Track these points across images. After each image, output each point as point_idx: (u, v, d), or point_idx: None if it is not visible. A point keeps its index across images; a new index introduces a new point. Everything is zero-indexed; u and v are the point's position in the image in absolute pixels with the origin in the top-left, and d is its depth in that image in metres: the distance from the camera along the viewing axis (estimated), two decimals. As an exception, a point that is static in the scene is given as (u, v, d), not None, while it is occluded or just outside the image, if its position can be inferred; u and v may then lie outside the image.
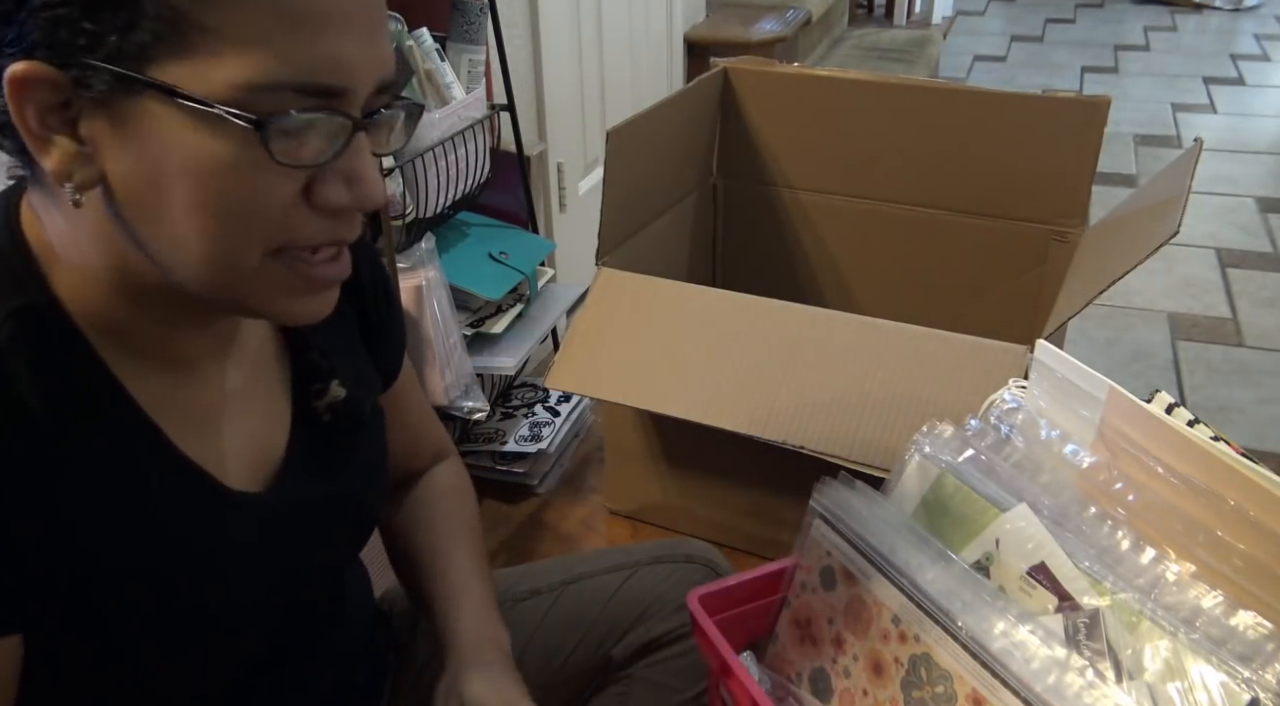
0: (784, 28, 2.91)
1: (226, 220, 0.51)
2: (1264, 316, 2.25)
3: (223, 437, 0.61)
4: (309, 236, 0.54)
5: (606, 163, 1.39)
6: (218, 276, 0.53)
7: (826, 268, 1.81)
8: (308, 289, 0.56)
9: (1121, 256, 1.13)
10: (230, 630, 0.61)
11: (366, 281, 0.74)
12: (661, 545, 0.95)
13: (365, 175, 0.54)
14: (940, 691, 0.70)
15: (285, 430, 0.66)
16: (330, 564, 0.73)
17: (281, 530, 0.64)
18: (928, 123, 1.60)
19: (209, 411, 0.61)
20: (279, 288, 0.55)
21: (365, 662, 0.80)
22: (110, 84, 0.48)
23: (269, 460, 0.65)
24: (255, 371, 0.65)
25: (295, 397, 0.68)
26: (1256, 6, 4.78)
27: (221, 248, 0.52)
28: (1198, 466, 0.70)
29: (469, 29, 1.47)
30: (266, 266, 0.53)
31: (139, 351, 0.57)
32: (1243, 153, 3.17)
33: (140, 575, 0.56)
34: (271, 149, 0.49)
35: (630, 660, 0.88)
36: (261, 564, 0.63)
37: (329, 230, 0.54)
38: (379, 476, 0.76)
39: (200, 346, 0.60)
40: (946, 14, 4.56)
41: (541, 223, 1.91)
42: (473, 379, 1.51)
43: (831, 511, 0.81)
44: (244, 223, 0.51)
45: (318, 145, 0.51)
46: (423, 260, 1.42)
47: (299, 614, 0.68)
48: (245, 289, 0.54)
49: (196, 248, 0.51)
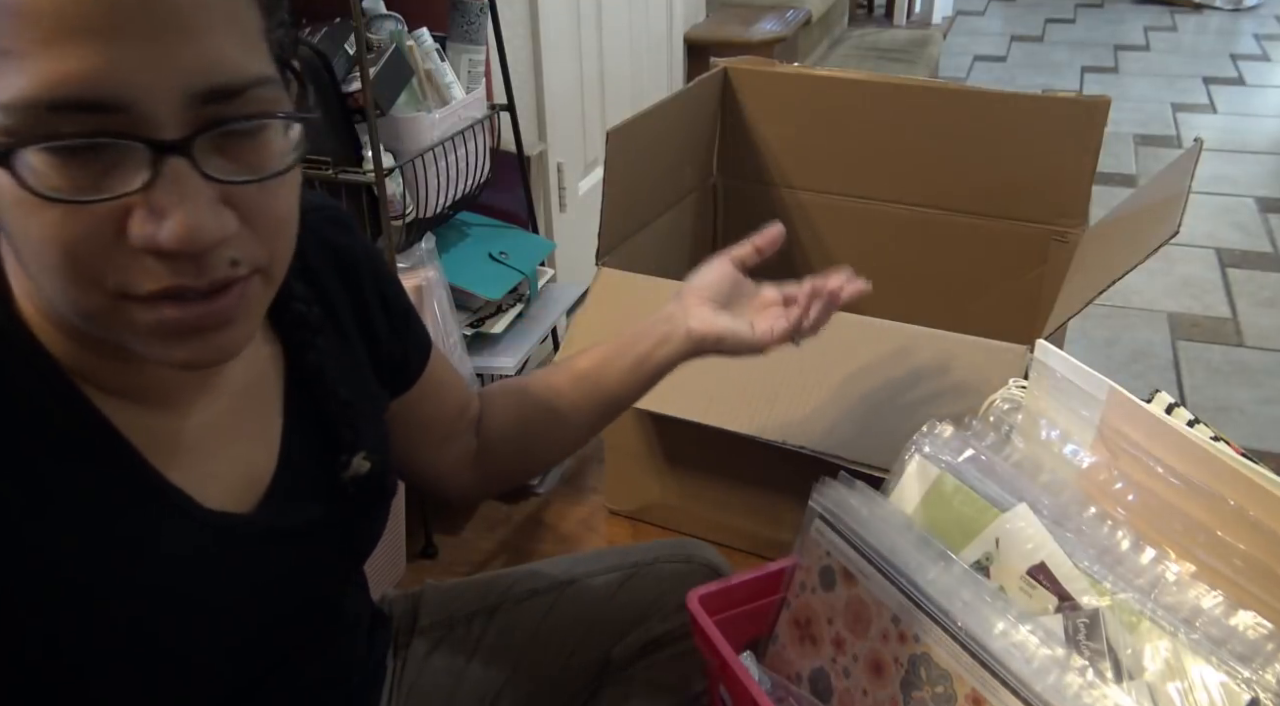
0: (784, 28, 2.91)
1: (48, 260, 0.45)
2: (1264, 316, 2.25)
3: (206, 464, 0.59)
4: (140, 281, 0.46)
5: (606, 163, 1.39)
6: (81, 318, 0.48)
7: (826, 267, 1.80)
8: (179, 334, 0.48)
9: (1121, 256, 1.13)
10: (215, 654, 0.60)
11: (368, 285, 0.71)
12: (661, 545, 0.95)
13: (169, 210, 0.44)
14: (940, 691, 0.70)
15: (274, 455, 0.63)
16: (324, 585, 0.70)
17: (269, 553, 0.62)
18: (928, 123, 1.60)
19: (187, 438, 0.58)
20: (148, 331, 0.48)
21: (362, 668, 0.80)
22: None
23: (256, 484, 0.62)
24: (244, 400, 0.62)
25: (287, 419, 0.65)
26: (1256, 6, 4.78)
27: (61, 287, 0.46)
28: (1198, 466, 0.70)
29: (469, 29, 1.47)
30: (122, 309, 0.47)
31: (113, 384, 0.54)
32: (1243, 153, 3.17)
33: (115, 597, 0.54)
34: (25, 180, 0.42)
35: (630, 660, 0.88)
36: (249, 586, 0.61)
37: (161, 274, 0.46)
38: (382, 498, 0.73)
39: (166, 383, 0.57)
40: (946, 14, 4.56)
41: (541, 223, 1.91)
42: (473, 379, 1.51)
43: (831, 511, 0.81)
44: (65, 262, 0.45)
45: (94, 175, 0.43)
46: (423, 260, 1.42)
47: (292, 632, 0.66)
48: (115, 331, 0.48)
49: (47, 286, 0.47)
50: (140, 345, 0.49)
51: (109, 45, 0.41)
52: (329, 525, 0.66)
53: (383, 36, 1.35)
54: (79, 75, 0.41)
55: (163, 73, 0.43)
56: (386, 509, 0.73)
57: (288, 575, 0.63)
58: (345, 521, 0.68)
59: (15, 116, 0.42)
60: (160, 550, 0.56)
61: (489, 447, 0.87)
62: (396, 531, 1.46)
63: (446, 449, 0.84)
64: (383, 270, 0.73)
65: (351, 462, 0.66)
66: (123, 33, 0.42)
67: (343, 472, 0.66)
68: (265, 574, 0.62)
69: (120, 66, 0.42)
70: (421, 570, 1.51)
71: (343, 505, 0.67)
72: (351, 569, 0.74)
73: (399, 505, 1.44)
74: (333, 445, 0.66)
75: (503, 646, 0.89)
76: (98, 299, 0.46)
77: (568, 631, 0.89)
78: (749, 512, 1.42)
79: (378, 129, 1.28)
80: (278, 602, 0.63)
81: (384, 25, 1.37)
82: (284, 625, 0.65)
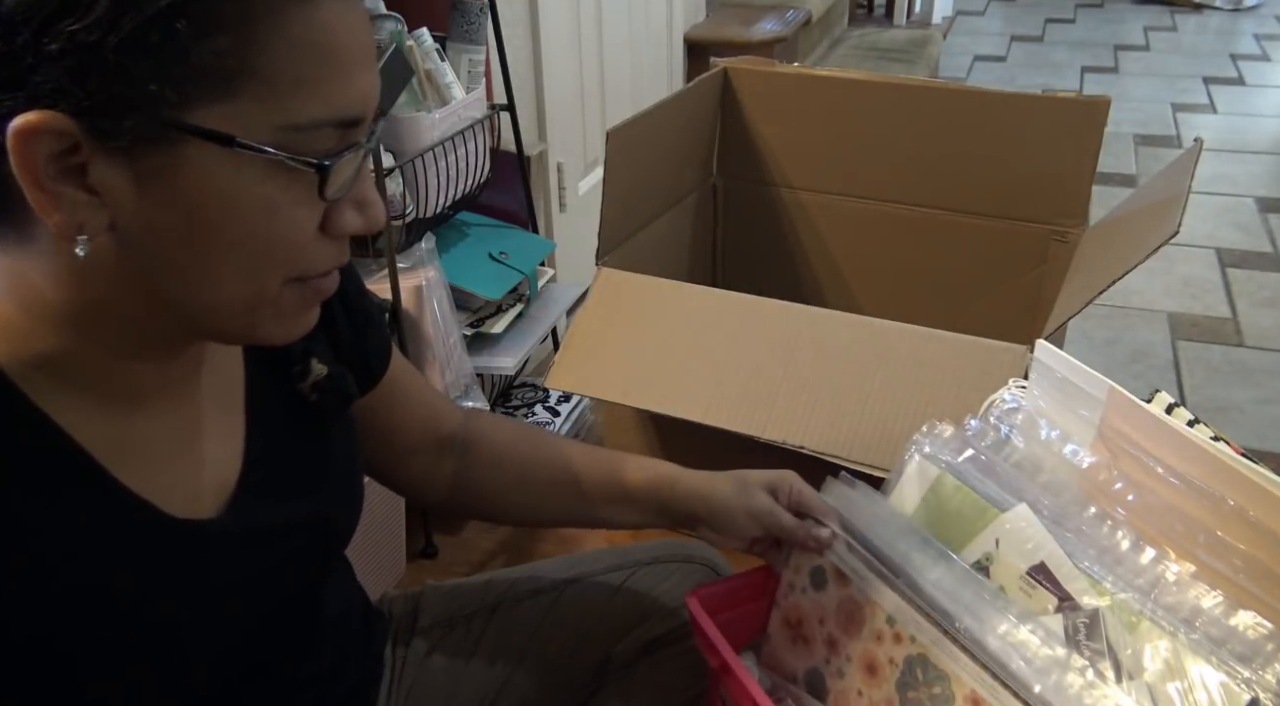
0: (784, 28, 2.91)
1: (258, 258, 0.52)
2: (1264, 316, 2.25)
3: (172, 467, 0.59)
4: (322, 263, 0.55)
5: (606, 163, 1.39)
6: (238, 308, 0.53)
7: (826, 268, 1.81)
8: (309, 306, 0.57)
9: (1121, 256, 1.13)
10: (192, 659, 0.60)
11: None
12: (661, 545, 0.95)
13: (373, 199, 0.55)
14: (937, 692, 0.70)
15: (239, 455, 0.64)
16: (300, 582, 0.69)
17: (241, 555, 0.62)
18: (928, 123, 1.60)
19: (155, 443, 0.58)
20: (290, 310, 0.56)
21: (356, 666, 0.79)
22: (140, 132, 0.46)
23: (224, 486, 0.62)
24: (214, 402, 0.63)
25: (252, 417, 0.65)
26: (1256, 6, 4.78)
27: (249, 283, 0.52)
28: (1198, 466, 0.70)
29: (469, 29, 1.47)
30: (282, 293, 0.54)
31: (80, 387, 0.54)
32: (1243, 153, 3.17)
33: (86, 613, 0.54)
34: (325, 190, 0.51)
35: (630, 660, 0.88)
36: (222, 590, 0.60)
37: (336, 255, 0.56)
38: (351, 492, 0.73)
39: (156, 379, 0.58)
40: (946, 14, 4.56)
41: (541, 222, 1.91)
42: (473, 379, 1.51)
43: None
44: (273, 258, 0.52)
45: (348, 177, 0.53)
46: (423, 260, 1.42)
47: (270, 631, 0.66)
48: (259, 315, 0.54)
49: (225, 284, 0.52)
50: (272, 326, 0.55)
51: (364, 71, 0.52)
52: (300, 521, 0.66)
53: (383, 36, 1.35)
54: (359, 99, 0.51)
55: (378, 91, 0.54)
56: (342, 458, 0.73)
57: (260, 576, 0.63)
58: (318, 516, 0.68)
59: (302, 134, 0.49)
60: (128, 563, 0.56)
61: (472, 472, 0.87)
62: (396, 531, 1.46)
63: (412, 461, 0.84)
64: (350, 276, 0.74)
65: (309, 368, 0.67)
66: (370, 59, 0.53)
67: (300, 382, 0.67)
68: (236, 576, 0.61)
69: (370, 88, 0.52)
70: (421, 570, 1.51)
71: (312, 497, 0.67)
72: (327, 563, 0.73)
73: (399, 505, 1.44)
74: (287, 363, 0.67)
75: (503, 646, 0.89)
76: (274, 285, 0.53)
77: (568, 631, 0.89)
78: (749, 512, 1.42)
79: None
80: (252, 603, 0.63)
81: (384, 25, 1.37)
82: (262, 625, 0.65)
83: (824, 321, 1.27)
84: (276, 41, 0.47)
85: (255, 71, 0.47)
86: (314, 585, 0.72)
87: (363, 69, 0.51)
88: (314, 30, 0.48)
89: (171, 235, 0.49)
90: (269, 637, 0.66)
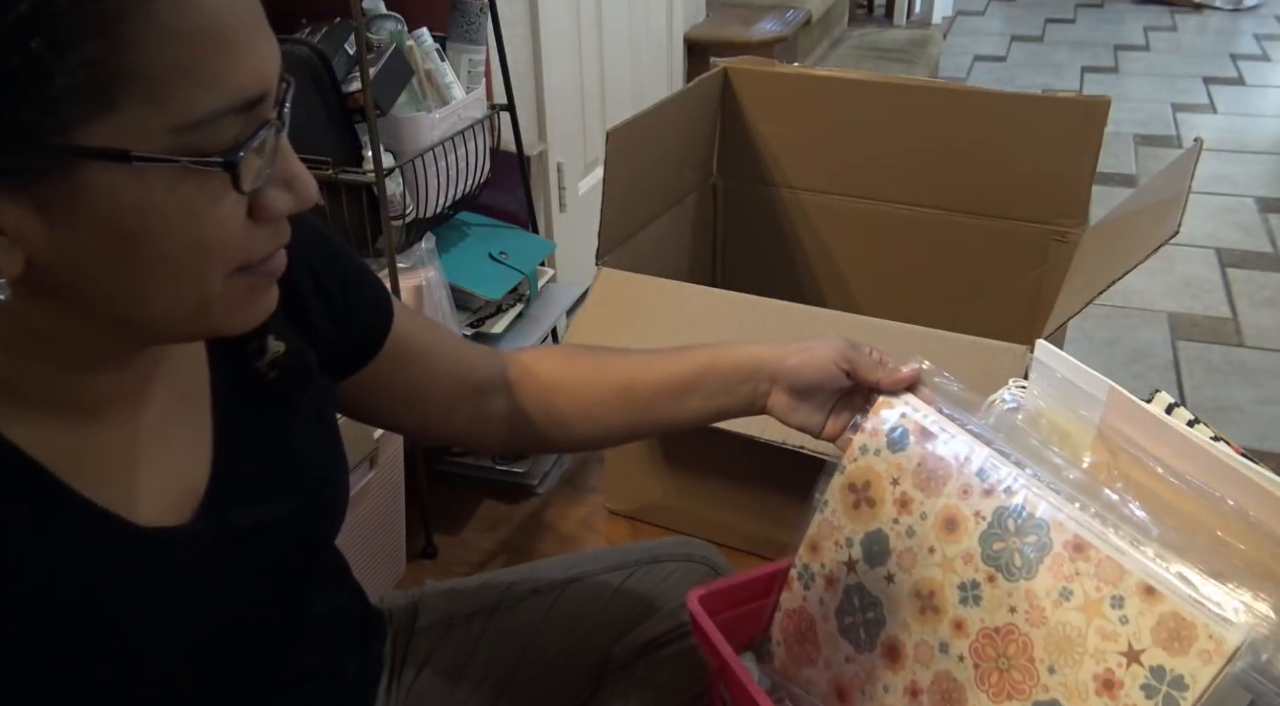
0: (784, 28, 2.91)
1: (192, 264, 0.49)
2: (1264, 316, 2.25)
3: (137, 476, 0.58)
4: (261, 249, 0.52)
5: (606, 163, 1.39)
6: (187, 313, 0.51)
7: (826, 268, 1.81)
8: (262, 290, 0.55)
9: (1121, 256, 1.13)
10: (172, 665, 0.59)
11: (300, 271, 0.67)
12: (661, 545, 0.95)
13: (299, 173, 0.52)
14: (1032, 540, 0.68)
15: (208, 459, 0.62)
16: (282, 586, 0.68)
17: (214, 561, 0.60)
18: (928, 123, 1.60)
19: (116, 452, 0.57)
20: (239, 301, 0.53)
21: (352, 665, 0.79)
22: (30, 165, 0.44)
23: (193, 491, 0.61)
24: (179, 404, 0.61)
25: (219, 417, 0.63)
26: (1256, 6, 4.77)
27: (191, 288, 0.50)
28: (1198, 466, 0.70)
29: (469, 29, 1.47)
30: (228, 287, 0.52)
31: (31, 403, 0.53)
32: (1243, 153, 3.17)
33: (59, 626, 0.53)
34: (240, 184, 0.48)
35: (630, 660, 0.88)
36: (198, 595, 0.59)
37: (274, 236, 0.53)
38: (330, 491, 0.71)
39: (112, 388, 0.56)
40: (946, 14, 4.56)
41: (541, 222, 1.91)
42: (473, 379, 1.51)
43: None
44: (208, 260, 0.50)
45: (262, 161, 0.50)
46: (423, 260, 1.42)
47: (253, 633, 0.65)
48: (212, 314, 0.52)
49: (164, 295, 0.50)
50: (226, 319, 0.53)
51: (253, 43, 0.48)
52: (275, 523, 0.64)
53: (383, 36, 1.35)
54: (252, 76, 0.47)
55: (275, 59, 0.50)
56: (339, 495, 0.71)
57: (236, 581, 0.62)
58: (294, 517, 0.66)
59: (202, 129, 0.46)
60: (97, 574, 0.55)
61: (525, 408, 0.84)
62: (396, 531, 1.46)
63: (456, 413, 0.81)
64: (318, 249, 0.70)
65: (266, 346, 0.64)
66: (258, 28, 0.48)
67: (257, 361, 0.64)
68: (211, 582, 0.60)
69: (265, 59, 0.49)
70: (421, 570, 1.52)
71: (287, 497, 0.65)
72: (309, 563, 0.72)
73: (399, 505, 1.44)
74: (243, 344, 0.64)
75: (503, 646, 0.89)
76: (216, 282, 0.51)
77: (568, 631, 0.89)
78: (749, 513, 1.42)
79: (377, 129, 1.28)
80: (229, 608, 0.62)
81: (384, 25, 1.37)
82: (241, 628, 0.64)
83: (824, 321, 1.27)
84: (147, 37, 0.44)
85: (133, 74, 0.44)
86: (298, 585, 0.70)
87: (250, 42, 0.47)
88: (185, 14, 0.45)
89: (96, 260, 0.47)
90: (249, 640, 0.65)
